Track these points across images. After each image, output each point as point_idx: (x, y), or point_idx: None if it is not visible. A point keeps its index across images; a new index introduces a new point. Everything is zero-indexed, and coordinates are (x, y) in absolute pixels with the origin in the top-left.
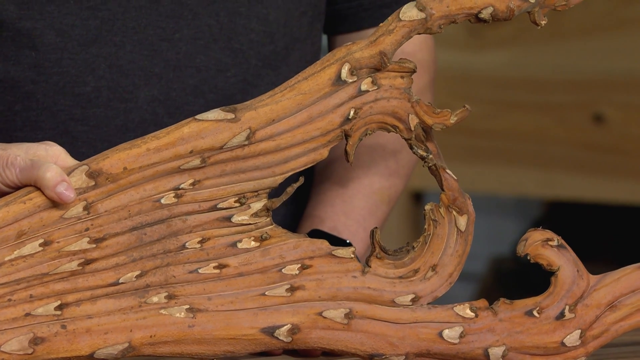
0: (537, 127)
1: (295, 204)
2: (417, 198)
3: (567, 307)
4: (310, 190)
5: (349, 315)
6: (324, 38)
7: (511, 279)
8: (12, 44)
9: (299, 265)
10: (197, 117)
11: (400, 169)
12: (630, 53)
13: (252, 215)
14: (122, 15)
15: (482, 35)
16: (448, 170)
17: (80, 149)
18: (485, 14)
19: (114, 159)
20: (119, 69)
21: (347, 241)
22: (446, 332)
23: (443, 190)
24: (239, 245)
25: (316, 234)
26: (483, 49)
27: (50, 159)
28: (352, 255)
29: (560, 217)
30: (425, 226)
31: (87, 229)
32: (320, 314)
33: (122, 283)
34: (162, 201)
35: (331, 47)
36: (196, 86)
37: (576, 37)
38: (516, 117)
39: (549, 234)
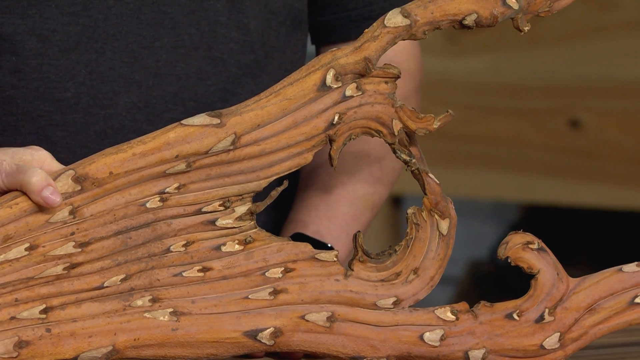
0: (514, 132)
1: (278, 211)
2: (397, 202)
3: (547, 310)
4: (293, 197)
5: (331, 319)
6: (312, 48)
7: (488, 282)
8: None
9: (282, 268)
10: (183, 122)
11: (384, 176)
12: (606, 59)
13: (236, 218)
14: (103, 22)
15: (461, 41)
16: (431, 175)
17: (59, 154)
18: (469, 21)
19: (100, 164)
20: (99, 76)
21: (329, 245)
22: (427, 335)
23: (426, 194)
24: (223, 248)
25: (299, 237)
26: (461, 55)
27: (36, 164)
28: (335, 259)
29: (537, 220)
30: (408, 229)
31: (72, 233)
32: (302, 317)
33: (106, 287)
34: (148, 205)
35: None
36: (176, 94)
37: (553, 44)
38: (494, 122)
39: (529, 237)
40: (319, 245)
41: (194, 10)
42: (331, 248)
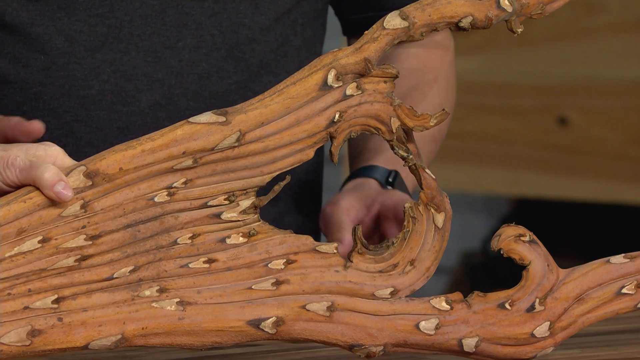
0: (504, 129)
1: (280, 205)
2: None
3: (538, 300)
4: (295, 191)
5: (331, 308)
6: (327, 46)
7: (480, 272)
8: (23, 47)
9: (285, 260)
10: (190, 119)
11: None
12: (592, 60)
13: (240, 212)
14: (128, 24)
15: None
16: (427, 170)
17: (83, 149)
18: (465, 23)
19: (110, 160)
20: (123, 74)
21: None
22: (423, 324)
23: (422, 188)
24: (228, 240)
25: (366, 170)
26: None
27: (49, 159)
28: (335, 251)
29: (527, 213)
30: (405, 223)
31: (83, 227)
32: (303, 306)
33: (116, 278)
34: (156, 199)
35: None
36: (197, 92)
37: (541, 44)
38: (485, 119)
39: (521, 229)
40: (387, 178)
41: (217, 12)
42: (396, 177)
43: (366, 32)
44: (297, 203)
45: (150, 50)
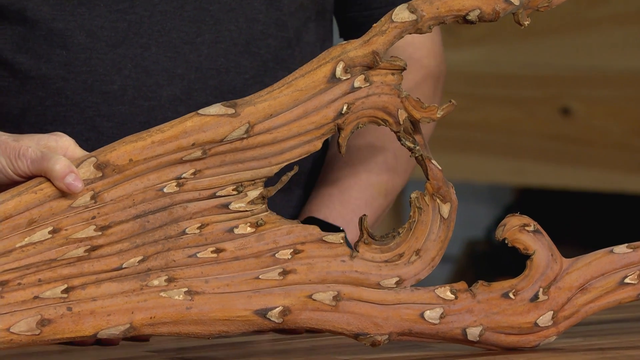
0: (508, 120)
1: (288, 194)
2: None
3: (541, 290)
4: (303, 180)
5: (337, 298)
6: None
7: (484, 261)
8: (45, 43)
9: (292, 250)
10: (200, 111)
11: (399, 165)
12: (595, 51)
13: (248, 202)
14: (148, 19)
15: (458, 34)
16: (433, 161)
17: (105, 143)
18: (472, 16)
19: (120, 151)
20: (144, 69)
21: (340, 228)
22: (427, 313)
23: (428, 179)
24: (236, 230)
25: (312, 221)
26: (458, 47)
27: (59, 150)
28: (342, 241)
29: (530, 203)
30: (411, 213)
31: (93, 217)
32: (310, 296)
33: (125, 268)
34: (165, 190)
35: None
36: (216, 87)
37: (545, 36)
38: (489, 110)
39: (526, 219)
40: (330, 228)
41: (234, 8)
42: (341, 230)
43: (375, 24)
44: (305, 192)
45: (170, 46)
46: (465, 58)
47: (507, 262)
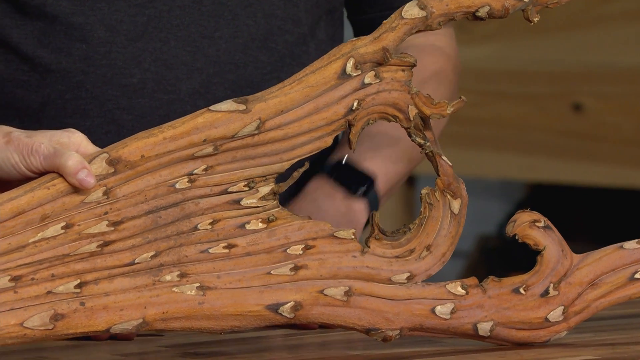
0: (520, 116)
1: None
2: (411, 182)
3: (552, 285)
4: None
5: (348, 293)
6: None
7: (496, 256)
8: (65, 36)
9: (303, 245)
10: (211, 107)
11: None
12: (606, 47)
13: (260, 198)
14: (167, 13)
15: (470, 30)
16: (444, 157)
17: (125, 136)
18: (482, 12)
19: (132, 147)
20: (163, 63)
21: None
22: (438, 308)
23: (439, 175)
24: (247, 226)
25: (339, 166)
26: (470, 43)
27: (72, 147)
28: (353, 237)
29: (542, 198)
30: (421, 209)
31: (106, 213)
32: (321, 291)
33: (137, 263)
34: (177, 186)
35: None
36: (234, 81)
37: (556, 32)
38: (501, 106)
39: (536, 215)
40: (357, 176)
41: (252, 4)
42: (370, 183)
43: (385, 21)
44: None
45: (189, 40)
46: (476, 54)
47: (519, 258)
